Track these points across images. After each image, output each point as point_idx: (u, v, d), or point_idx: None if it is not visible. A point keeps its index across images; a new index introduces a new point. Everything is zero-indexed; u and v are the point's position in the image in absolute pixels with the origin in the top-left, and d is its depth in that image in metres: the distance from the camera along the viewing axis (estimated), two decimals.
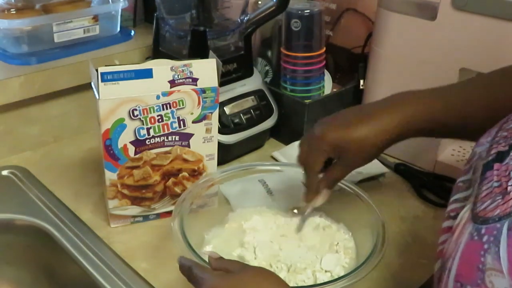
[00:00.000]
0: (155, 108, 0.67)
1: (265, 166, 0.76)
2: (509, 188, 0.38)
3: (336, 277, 0.59)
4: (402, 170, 0.89)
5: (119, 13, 1.01)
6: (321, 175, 0.66)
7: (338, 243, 0.66)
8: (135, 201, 0.73)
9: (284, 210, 0.73)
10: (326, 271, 0.62)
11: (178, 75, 0.67)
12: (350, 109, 0.68)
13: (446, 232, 0.44)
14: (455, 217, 0.43)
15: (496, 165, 0.41)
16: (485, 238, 0.37)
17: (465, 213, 0.41)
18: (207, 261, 0.55)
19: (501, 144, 0.42)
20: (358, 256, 0.64)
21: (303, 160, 0.67)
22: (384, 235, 0.60)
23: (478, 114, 0.60)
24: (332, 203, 0.69)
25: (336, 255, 0.64)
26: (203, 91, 0.68)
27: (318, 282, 0.60)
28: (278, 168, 0.76)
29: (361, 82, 0.97)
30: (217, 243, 0.66)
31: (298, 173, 0.69)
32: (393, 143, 0.63)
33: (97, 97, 0.64)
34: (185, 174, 0.73)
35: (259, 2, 0.97)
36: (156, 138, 0.69)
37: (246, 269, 0.51)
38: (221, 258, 0.54)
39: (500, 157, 0.41)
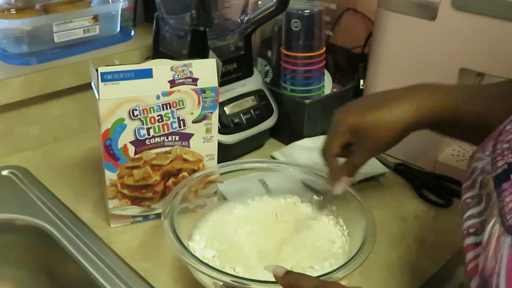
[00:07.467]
0: (155, 108, 0.67)
1: (263, 164, 0.75)
2: None
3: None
4: (402, 170, 0.89)
5: (119, 13, 1.01)
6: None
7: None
8: (135, 201, 0.73)
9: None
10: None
11: (178, 75, 0.67)
12: (373, 94, 0.68)
13: (472, 249, 0.43)
14: (476, 233, 0.43)
15: None
16: None
17: (493, 227, 0.40)
18: (196, 255, 0.54)
19: (508, 156, 0.42)
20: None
21: (322, 144, 0.66)
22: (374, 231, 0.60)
23: (495, 114, 0.58)
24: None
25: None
26: (203, 91, 0.68)
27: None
28: (275, 166, 0.75)
29: (361, 82, 0.97)
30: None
31: (296, 172, 0.68)
32: (411, 131, 0.63)
33: (97, 97, 0.64)
34: (185, 174, 0.73)
35: (259, 2, 0.97)
36: (156, 138, 0.69)
37: (325, 286, 0.48)
38: (288, 272, 0.50)
39: None
